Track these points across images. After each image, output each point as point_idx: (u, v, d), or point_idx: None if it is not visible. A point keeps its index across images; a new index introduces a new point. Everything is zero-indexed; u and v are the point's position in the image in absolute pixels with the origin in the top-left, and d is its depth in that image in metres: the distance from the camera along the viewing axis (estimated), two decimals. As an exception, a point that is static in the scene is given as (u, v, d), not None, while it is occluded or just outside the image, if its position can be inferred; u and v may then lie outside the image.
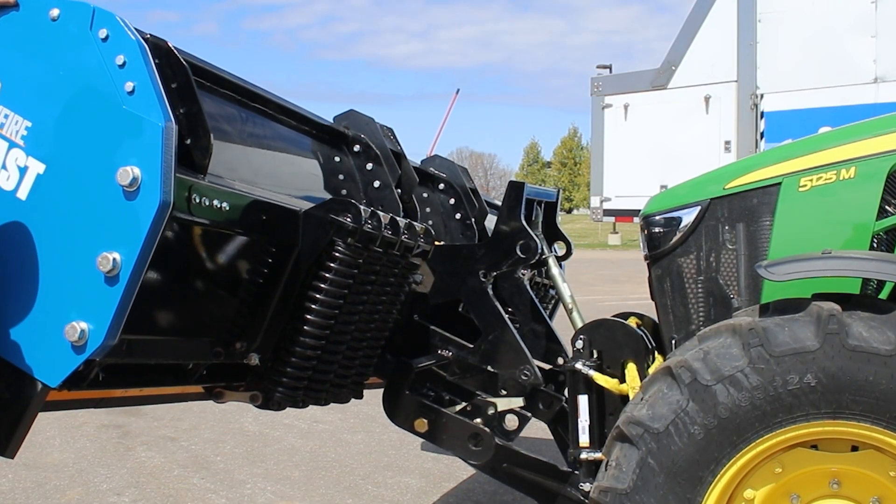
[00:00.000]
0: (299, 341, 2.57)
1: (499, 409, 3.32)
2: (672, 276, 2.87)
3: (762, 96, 8.86)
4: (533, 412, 3.38)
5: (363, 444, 5.75)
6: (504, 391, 3.25)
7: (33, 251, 1.96)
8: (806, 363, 2.17)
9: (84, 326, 1.90)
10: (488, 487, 4.78)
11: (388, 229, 2.64)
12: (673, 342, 2.83)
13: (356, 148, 3.19)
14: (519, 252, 3.12)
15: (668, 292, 2.89)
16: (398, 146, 3.36)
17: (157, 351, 2.34)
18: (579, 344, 2.85)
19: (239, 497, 4.66)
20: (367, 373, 3.05)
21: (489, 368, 3.18)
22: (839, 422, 2.18)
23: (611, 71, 12.52)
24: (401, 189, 3.24)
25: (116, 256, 1.88)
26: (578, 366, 2.79)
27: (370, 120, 3.28)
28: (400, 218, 2.76)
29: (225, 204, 2.20)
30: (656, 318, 2.99)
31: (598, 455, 2.65)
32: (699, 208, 2.82)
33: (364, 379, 3.05)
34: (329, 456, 5.48)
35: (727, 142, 9.11)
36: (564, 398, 3.17)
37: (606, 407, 2.81)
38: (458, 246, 3.53)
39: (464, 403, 3.36)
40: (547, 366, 3.35)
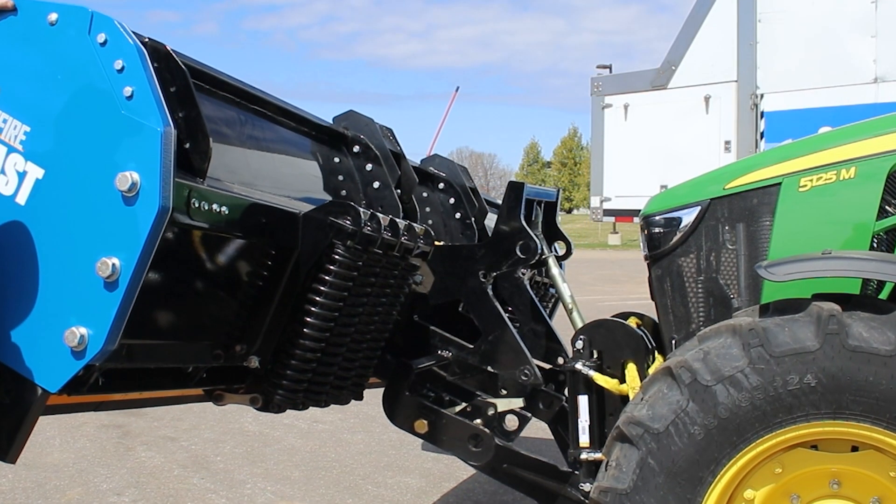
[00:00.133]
0: (299, 343, 2.57)
1: (499, 410, 3.32)
2: (672, 277, 2.87)
3: (762, 96, 8.85)
4: (533, 412, 3.37)
5: (363, 444, 5.75)
6: (504, 391, 3.25)
7: (32, 256, 1.96)
8: (806, 363, 2.17)
9: (84, 332, 1.90)
10: (488, 487, 4.78)
11: (388, 231, 2.64)
12: (673, 342, 2.83)
13: (355, 148, 3.18)
14: (519, 252, 3.12)
15: (668, 292, 2.88)
16: (398, 146, 3.35)
17: (157, 355, 2.34)
18: (579, 344, 2.85)
19: (239, 497, 4.66)
20: (367, 374, 3.05)
21: (489, 369, 3.18)
22: (839, 422, 2.18)
23: (611, 71, 12.49)
24: (400, 189, 3.23)
25: (116, 262, 1.88)
26: (578, 366, 2.79)
27: (369, 120, 3.28)
28: (399, 219, 2.76)
29: (224, 207, 2.20)
30: (656, 318, 2.99)
31: (598, 455, 2.65)
32: (699, 208, 2.82)
33: (364, 380, 3.05)
34: (329, 456, 5.49)
35: (727, 142, 9.10)
36: (564, 398, 3.16)
37: (606, 407, 2.81)
38: (458, 246, 3.52)
39: (464, 404, 3.36)
40: (547, 366, 3.35)
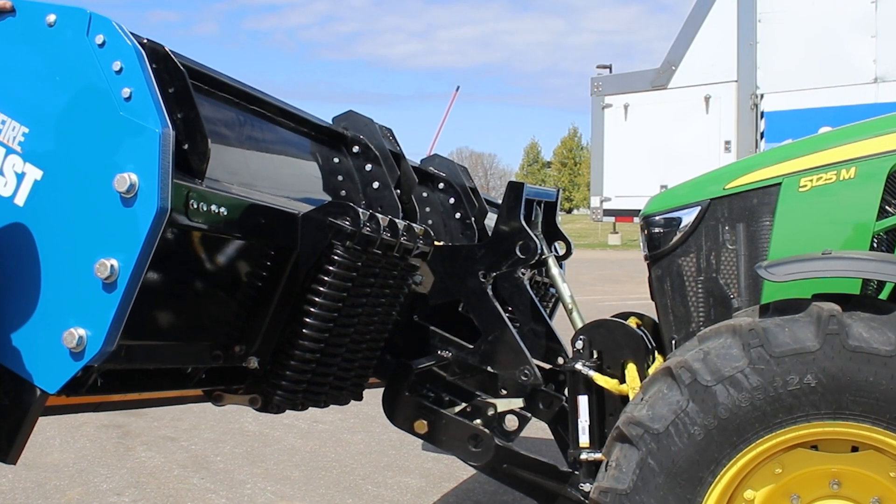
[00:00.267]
0: (298, 344, 2.56)
1: (499, 410, 3.31)
2: (672, 277, 2.87)
3: (762, 96, 8.84)
4: (533, 412, 3.37)
5: (363, 444, 5.75)
6: (504, 391, 3.25)
7: (31, 257, 1.95)
8: (806, 364, 2.17)
9: (82, 333, 1.90)
10: (488, 487, 4.78)
11: (387, 232, 2.63)
12: (673, 342, 2.83)
13: (355, 149, 3.18)
14: (518, 252, 3.11)
15: (668, 292, 2.88)
16: (397, 147, 3.35)
17: (156, 356, 2.33)
18: (579, 344, 2.84)
19: (239, 497, 4.66)
20: (367, 374, 3.04)
21: (489, 369, 3.18)
22: (839, 422, 2.17)
23: (611, 71, 12.49)
24: (400, 190, 3.23)
25: (114, 263, 1.88)
26: (578, 366, 2.79)
27: (369, 121, 3.27)
28: (399, 220, 2.76)
29: (223, 208, 2.20)
30: (656, 318, 2.99)
31: (598, 455, 2.64)
32: (699, 208, 2.82)
33: (364, 381, 3.05)
34: (329, 456, 5.48)
35: (727, 142, 9.10)
36: (564, 398, 3.16)
37: (606, 407, 2.80)
38: (458, 246, 3.52)
39: (464, 404, 3.36)
40: (547, 366, 3.34)
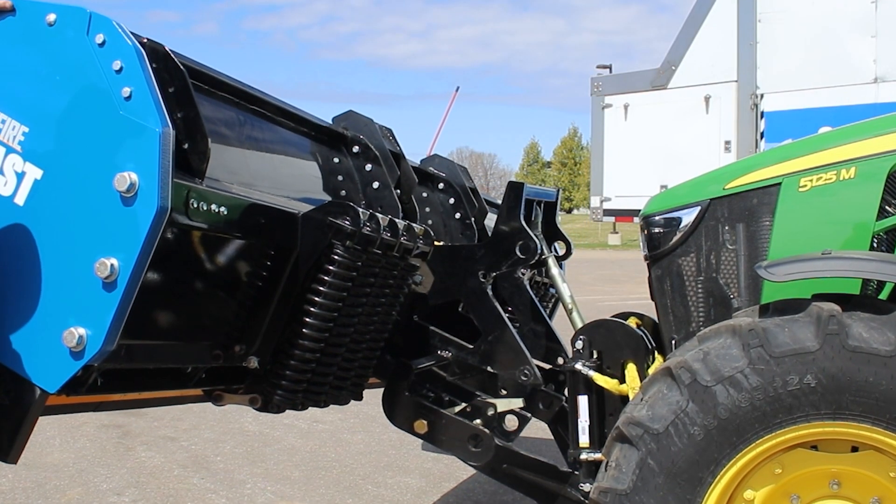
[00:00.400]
0: (298, 344, 2.56)
1: (499, 410, 3.31)
2: (672, 277, 2.87)
3: (762, 96, 8.85)
4: (533, 412, 3.37)
5: (363, 444, 5.75)
6: (504, 392, 3.25)
7: (31, 257, 1.96)
8: (806, 364, 2.17)
9: (82, 332, 1.90)
10: (488, 487, 4.78)
11: (387, 231, 2.63)
12: (673, 342, 2.83)
13: (355, 149, 3.18)
14: (518, 252, 3.11)
15: (668, 292, 2.88)
16: (397, 147, 3.35)
17: (156, 355, 2.34)
18: (579, 344, 2.84)
19: (239, 497, 4.66)
20: (367, 374, 3.04)
21: (489, 369, 3.18)
22: (839, 422, 2.17)
23: (611, 71, 12.49)
24: (400, 190, 3.23)
25: (114, 262, 1.88)
26: (578, 366, 2.79)
27: (369, 121, 3.27)
28: (399, 219, 2.76)
29: (223, 208, 2.20)
30: (656, 318, 2.99)
31: (598, 455, 2.64)
32: (699, 208, 2.82)
33: (363, 380, 3.05)
34: (329, 456, 5.48)
35: (727, 142, 9.10)
36: (564, 398, 3.16)
37: (606, 407, 2.80)
38: (458, 246, 3.52)
39: (463, 404, 3.36)
40: (547, 366, 3.35)
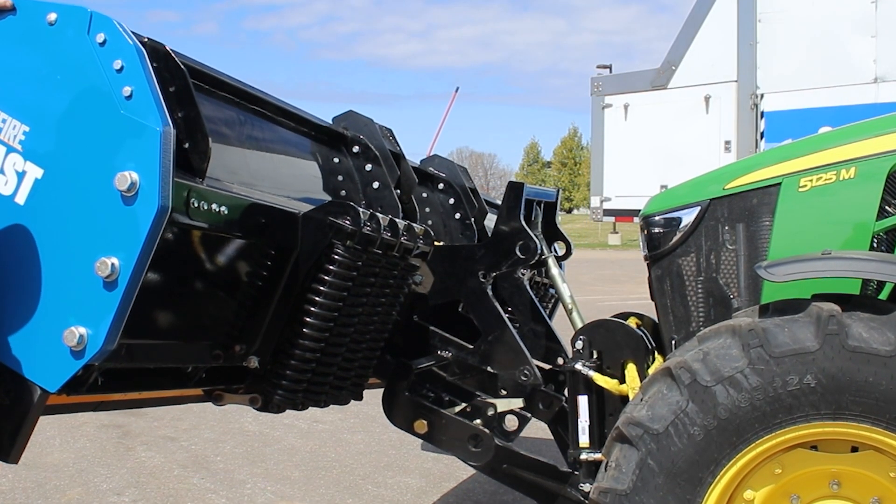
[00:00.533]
0: (298, 344, 2.56)
1: (498, 410, 3.31)
2: (672, 277, 2.87)
3: (762, 96, 8.85)
4: (533, 412, 3.37)
5: (363, 444, 5.75)
6: (504, 392, 3.24)
7: (32, 256, 1.95)
8: (806, 364, 2.17)
9: (83, 331, 1.89)
10: (488, 487, 4.78)
11: (387, 231, 2.64)
12: (673, 343, 2.83)
13: (355, 149, 3.18)
14: (518, 252, 3.11)
15: (668, 292, 2.88)
16: (397, 147, 3.35)
17: (157, 354, 2.34)
18: (579, 344, 2.85)
19: (239, 497, 4.66)
20: (367, 374, 3.04)
21: (489, 369, 3.18)
22: (839, 423, 2.17)
23: (611, 71, 12.52)
24: (400, 190, 3.23)
25: (115, 261, 1.88)
26: (578, 366, 2.79)
27: (369, 121, 3.27)
28: (399, 219, 2.76)
29: (223, 207, 2.20)
30: (656, 318, 2.99)
31: (598, 456, 2.65)
32: (699, 208, 2.82)
33: (363, 380, 3.05)
34: (329, 456, 5.48)
35: (727, 142, 9.11)
36: (564, 398, 3.16)
37: (606, 407, 2.80)
38: (458, 247, 3.52)
39: (463, 404, 3.36)
40: (547, 366, 3.35)
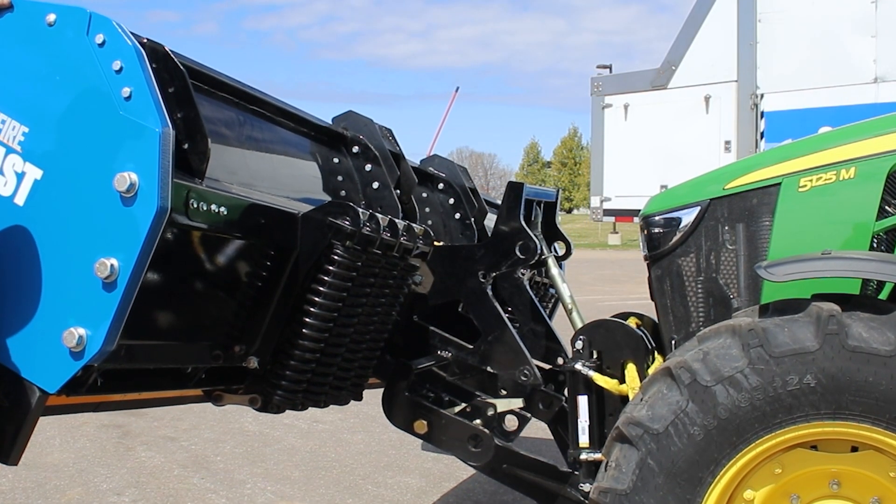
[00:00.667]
0: (298, 344, 2.56)
1: (498, 410, 3.31)
2: (672, 277, 2.87)
3: (762, 96, 8.85)
4: (533, 412, 3.37)
5: (363, 444, 5.75)
6: (503, 392, 3.25)
7: (31, 257, 1.95)
8: (806, 364, 2.17)
9: (82, 332, 1.89)
10: (488, 487, 4.78)
11: (387, 231, 2.63)
12: (673, 342, 2.83)
13: (355, 149, 3.18)
14: (518, 253, 3.11)
15: (668, 292, 2.88)
16: (397, 147, 3.35)
17: (156, 355, 2.33)
18: (579, 344, 2.84)
19: (239, 497, 4.66)
20: (367, 374, 3.04)
21: (488, 369, 3.18)
22: (839, 422, 2.17)
23: (611, 71, 12.52)
24: (400, 190, 3.23)
25: (114, 262, 1.88)
26: (578, 366, 2.79)
27: (369, 121, 3.27)
28: (398, 220, 2.76)
29: (223, 208, 2.20)
30: (656, 318, 2.99)
31: (598, 455, 2.65)
32: (699, 208, 2.82)
33: (363, 381, 3.05)
34: (329, 456, 5.48)
35: (727, 142, 9.11)
36: (564, 398, 3.16)
37: (606, 407, 2.80)
38: (458, 247, 3.52)
39: (463, 404, 3.36)
40: (547, 366, 3.35)
